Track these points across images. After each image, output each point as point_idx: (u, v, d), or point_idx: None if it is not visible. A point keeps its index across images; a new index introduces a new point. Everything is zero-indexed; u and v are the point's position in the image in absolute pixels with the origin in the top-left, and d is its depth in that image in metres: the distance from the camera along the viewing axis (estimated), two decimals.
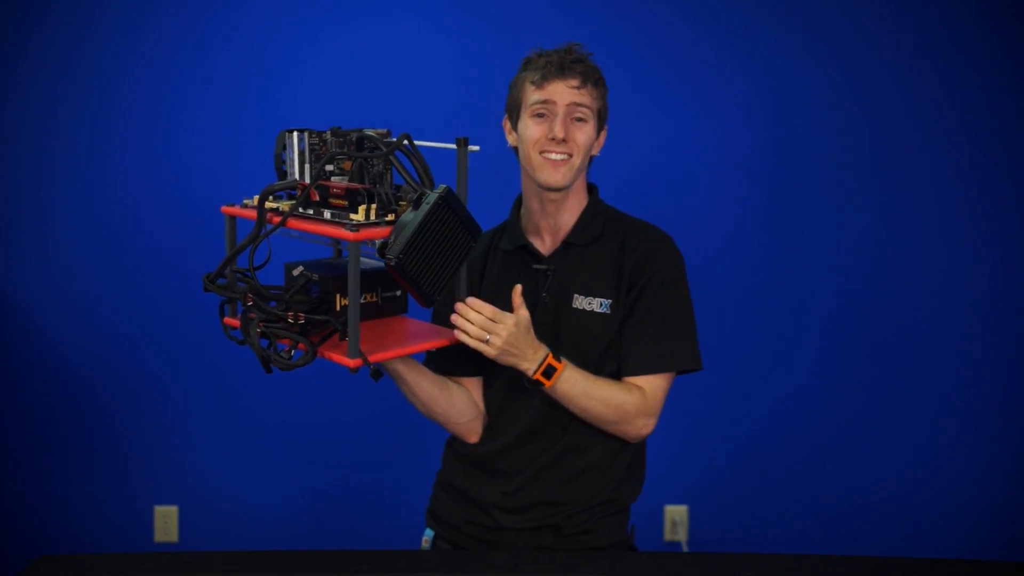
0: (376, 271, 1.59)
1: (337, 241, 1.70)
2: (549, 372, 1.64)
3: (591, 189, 1.85)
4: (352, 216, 1.44)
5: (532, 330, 1.62)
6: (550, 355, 1.64)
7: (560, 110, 1.70)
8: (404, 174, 1.51)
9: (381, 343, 1.54)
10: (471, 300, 1.59)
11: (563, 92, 1.70)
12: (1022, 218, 2.99)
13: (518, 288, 1.62)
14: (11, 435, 3.01)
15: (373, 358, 1.48)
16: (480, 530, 1.83)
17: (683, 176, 2.97)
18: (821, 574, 1.60)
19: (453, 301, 1.62)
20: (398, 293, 1.62)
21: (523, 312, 1.61)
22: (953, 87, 2.95)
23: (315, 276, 1.53)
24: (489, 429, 1.83)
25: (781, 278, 3.01)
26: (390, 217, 1.46)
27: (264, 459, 3.06)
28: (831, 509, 3.07)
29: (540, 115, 1.71)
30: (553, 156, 1.70)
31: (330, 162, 1.54)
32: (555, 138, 1.69)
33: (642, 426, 1.74)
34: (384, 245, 1.42)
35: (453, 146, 1.55)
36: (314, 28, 2.92)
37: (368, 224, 1.44)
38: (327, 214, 1.48)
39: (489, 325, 1.57)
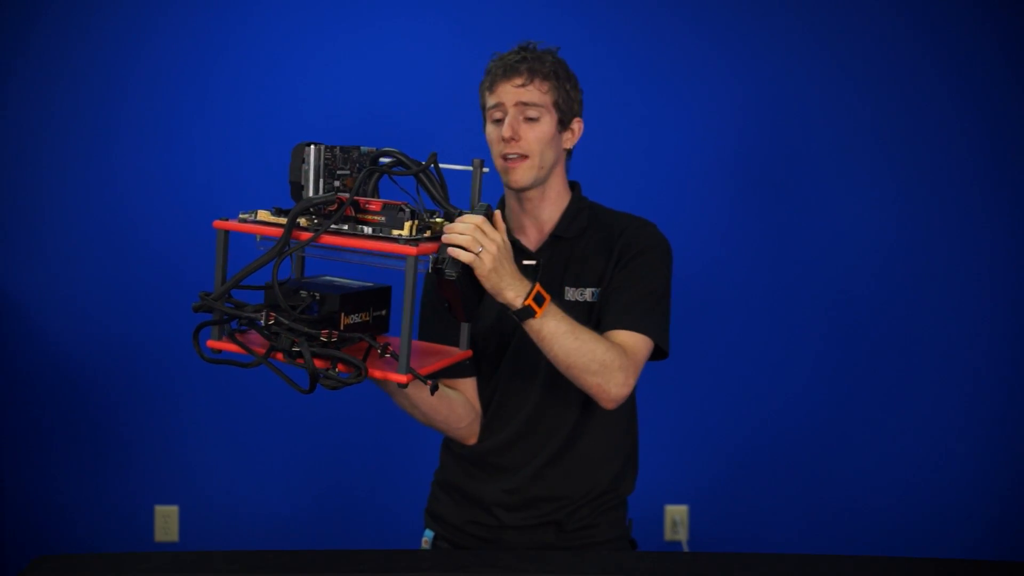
0: (368, 290, 1.56)
1: (294, 257, 1.64)
2: (540, 300, 1.53)
3: (574, 185, 1.86)
4: (396, 232, 1.42)
5: (513, 259, 1.54)
6: (538, 285, 1.54)
7: (509, 111, 1.71)
8: (432, 192, 1.51)
9: (415, 359, 1.51)
10: (462, 216, 1.49)
11: (509, 93, 1.71)
12: (1021, 216, 3.00)
13: (498, 213, 1.52)
14: (12, 435, 3.01)
15: (423, 371, 1.46)
16: (482, 529, 1.83)
17: (681, 176, 2.98)
18: (821, 574, 1.60)
19: (445, 317, 1.61)
20: (383, 312, 1.61)
21: (506, 238, 1.52)
22: (952, 82, 2.96)
23: (317, 296, 1.49)
24: (487, 427, 1.83)
25: (781, 278, 3.01)
26: (427, 233, 1.45)
27: (264, 459, 3.06)
28: (831, 509, 3.07)
29: (497, 119, 1.74)
30: (510, 157, 1.72)
31: (369, 178, 1.52)
32: (504, 139, 1.70)
33: (621, 384, 1.63)
34: (437, 260, 1.43)
35: (469, 167, 1.56)
36: (311, 35, 2.93)
37: (419, 239, 1.42)
38: (367, 230, 1.45)
39: (480, 237, 1.45)
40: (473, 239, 1.44)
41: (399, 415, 1.85)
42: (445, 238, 1.45)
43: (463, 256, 1.44)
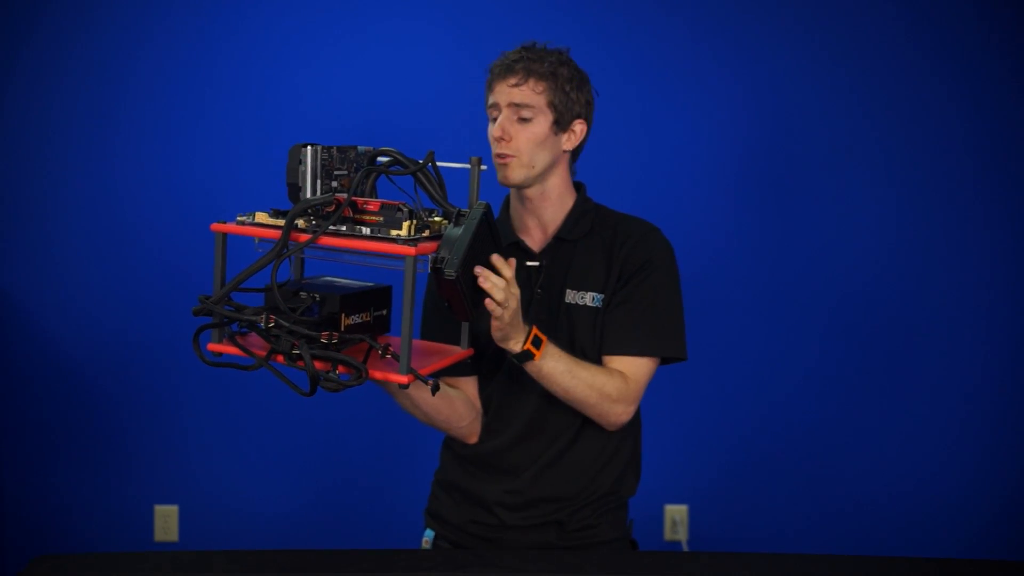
0: (368, 290, 1.56)
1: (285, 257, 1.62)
2: (537, 343, 1.60)
3: (579, 187, 1.85)
4: (395, 232, 1.41)
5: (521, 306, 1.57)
6: (535, 328, 1.60)
7: (503, 111, 1.72)
8: (430, 191, 1.51)
9: (416, 359, 1.51)
10: (499, 260, 1.50)
11: (504, 92, 1.71)
12: (1021, 216, 3.00)
13: (512, 261, 1.55)
14: (12, 435, 3.01)
15: (424, 371, 1.46)
16: (483, 529, 1.83)
17: (681, 176, 2.98)
18: (821, 574, 1.60)
19: (446, 316, 1.61)
20: (384, 312, 1.61)
21: (517, 289, 1.55)
22: (952, 82, 2.96)
23: (317, 297, 1.48)
24: (488, 427, 1.83)
25: (781, 277, 3.01)
26: (426, 233, 1.45)
27: (264, 458, 3.06)
28: (831, 509, 3.07)
29: (493, 118, 1.74)
30: (501, 155, 1.72)
31: (366, 178, 1.52)
32: (495, 138, 1.71)
33: (621, 412, 1.72)
34: (436, 260, 1.42)
35: (467, 165, 1.56)
36: (310, 36, 2.93)
37: (418, 239, 1.42)
38: (365, 231, 1.44)
39: (508, 292, 1.50)
40: (505, 295, 1.49)
41: (399, 415, 1.85)
42: (481, 282, 1.47)
43: (494, 310, 1.49)
